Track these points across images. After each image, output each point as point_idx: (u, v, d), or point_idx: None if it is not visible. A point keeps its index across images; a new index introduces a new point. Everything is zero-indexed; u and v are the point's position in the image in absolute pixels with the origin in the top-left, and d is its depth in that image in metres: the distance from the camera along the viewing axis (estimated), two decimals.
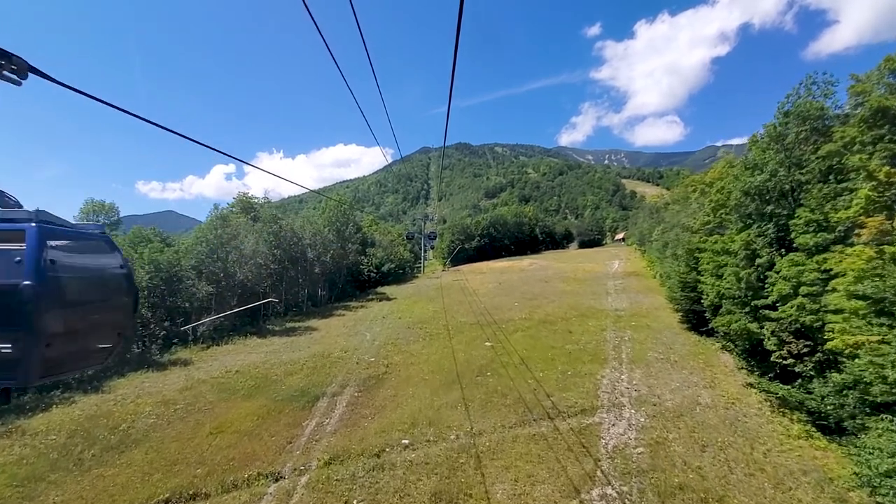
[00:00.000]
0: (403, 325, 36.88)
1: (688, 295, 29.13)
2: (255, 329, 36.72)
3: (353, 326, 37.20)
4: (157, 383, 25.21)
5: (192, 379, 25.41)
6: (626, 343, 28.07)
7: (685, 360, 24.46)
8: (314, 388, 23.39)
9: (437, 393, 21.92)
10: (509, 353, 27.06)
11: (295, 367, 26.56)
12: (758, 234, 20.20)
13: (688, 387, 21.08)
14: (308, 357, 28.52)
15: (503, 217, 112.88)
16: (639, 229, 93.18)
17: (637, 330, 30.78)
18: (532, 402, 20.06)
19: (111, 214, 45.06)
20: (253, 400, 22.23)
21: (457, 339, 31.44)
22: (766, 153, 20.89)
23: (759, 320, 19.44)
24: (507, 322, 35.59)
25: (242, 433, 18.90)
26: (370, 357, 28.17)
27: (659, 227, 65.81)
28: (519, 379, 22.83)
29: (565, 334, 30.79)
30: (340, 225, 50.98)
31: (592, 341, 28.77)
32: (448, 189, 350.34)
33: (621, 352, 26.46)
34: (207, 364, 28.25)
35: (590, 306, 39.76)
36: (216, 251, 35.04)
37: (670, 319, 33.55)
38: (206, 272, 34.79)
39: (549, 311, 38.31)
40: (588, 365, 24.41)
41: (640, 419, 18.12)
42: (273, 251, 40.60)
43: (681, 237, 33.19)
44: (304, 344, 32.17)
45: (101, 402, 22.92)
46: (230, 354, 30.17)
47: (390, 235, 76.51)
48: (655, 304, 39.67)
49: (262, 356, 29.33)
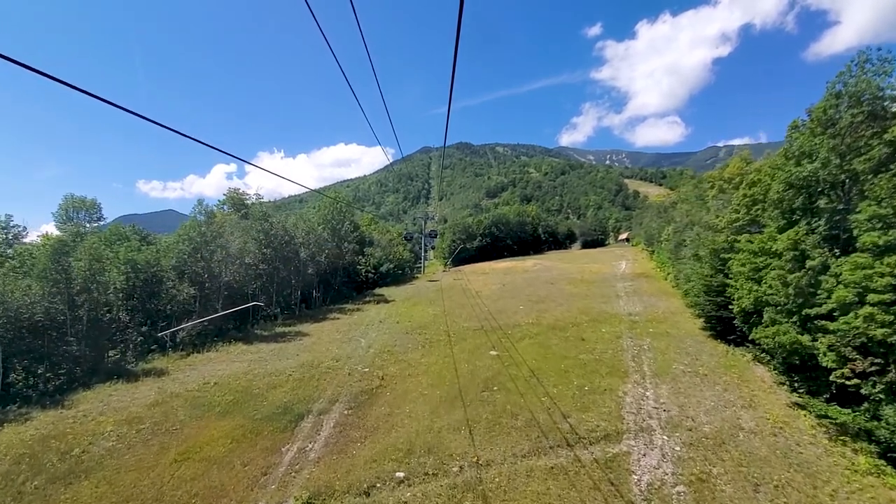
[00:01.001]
0: (401, 330, 34.27)
1: (713, 300, 26.47)
2: (241, 334, 34.13)
3: (347, 332, 34.58)
4: (125, 397, 22.62)
5: (165, 392, 22.81)
6: (646, 352, 25.42)
7: (716, 374, 21.80)
8: (299, 404, 20.78)
9: (438, 411, 19.30)
10: (517, 363, 24.43)
11: (280, 379, 23.95)
12: (806, 231, 17.54)
13: (724, 406, 18.43)
14: (296, 367, 25.91)
15: (505, 216, 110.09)
16: (646, 229, 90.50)
17: (656, 337, 28.13)
18: (547, 424, 17.44)
19: (93, 211, 42.50)
20: (229, 418, 19.62)
21: (459, 346, 28.82)
22: (815, 140, 18.24)
23: (811, 332, 16.80)
24: (514, 327, 32.96)
25: (211, 461, 16.29)
26: (364, 367, 25.56)
27: (669, 226, 63.13)
28: (530, 395, 20.20)
29: (578, 342, 28.15)
30: (336, 223, 48.35)
31: (608, 350, 26.13)
32: (449, 188, 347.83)
33: (642, 363, 23.81)
34: (185, 374, 25.65)
35: (601, 310, 37.11)
36: (200, 250, 32.44)
37: (691, 325, 30.90)
38: (189, 273, 32.19)
39: (557, 316, 35.67)
40: (607, 378, 21.77)
41: (674, 448, 15.48)
42: (263, 250, 38.00)
43: (702, 237, 30.52)
44: (293, 351, 29.55)
45: (58, 419, 20.34)
46: (211, 363, 27.57)
47: (389, 235, 73.90)
48: (671, 307, 37.03)
49: (245, 365, 26.73)
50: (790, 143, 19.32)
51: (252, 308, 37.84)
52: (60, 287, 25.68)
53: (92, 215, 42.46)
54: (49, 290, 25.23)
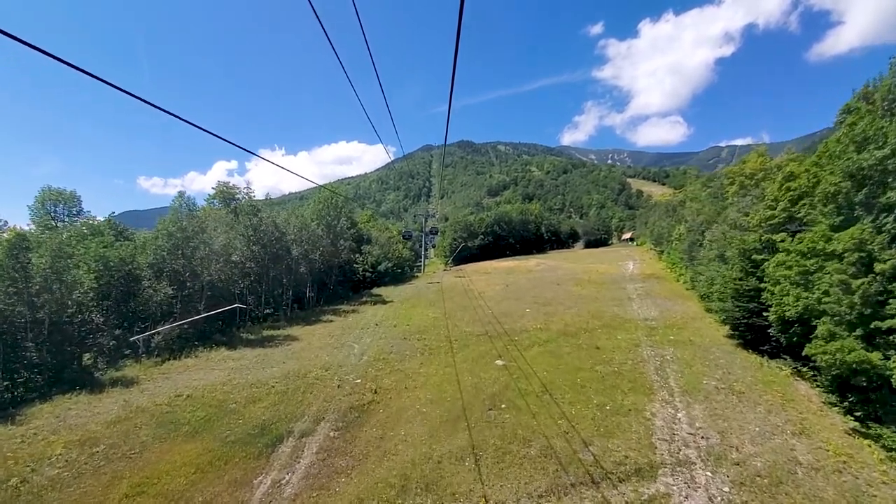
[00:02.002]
0: (399, 334, 31.68)
1: (744, 305, 23.86)
2: (226, 338, 31.55)
3: (339, 336, 32.00)
4: (85, 411, 20.05)
5: (130, 407, 20.23)
6: (671, 364, 22.82)
7: (754, 391, 19.18)
8: (279, 423, 18.20)
9: (438, 435, 16.71)
10: (527, 375, 21.84)
11: (260, 392, 21.36)
12: (872, 230, 14.91)
13: (772, 433, 15.83)
14: (280, 377, 23.34)
15: (508, 214, 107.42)
16: (654, 229, 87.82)
17: (679, 346, 25.53)
18: (565, 453, 14.84)
19: (72, 205, 39.85)
20: (197, 441, 17.05)
21: (461, 354, 26.24)
22: (881, 123, 15.58)
23: (880, 348, 14.19)
24: (521, 333, 30.37)
25: (169, 496, 13.72)
26: (355, 378, 22.97)
27: (680, 225, 60.46)
28: (543, 415, 17.61)
29: (592, 351, 25.55)
30: (331, 219, 45.70)
31: (628, 361, 23.53)
32: (450, 187, 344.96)
33: (667, 376, 21.21)
34: (156, 384, 23.09)
35: (614, 314, 34.51)
36: (180, 246, 29.83)
37: (714, 333, 28.30)
38: (168, 271, 29.59)
39: (567, 321, 33.06)
40: (630, 396, 19.17)
41: (722, 488, 12.88)
42: (251, 247, 35.40)
43: (728, 236, 27.87)
44: (279, 358, 26.97)
45: (5, 438, 17.76)
46: (188, 371, 25.00)
47: (388, 232, 71.24)
48: (689, 312, 34.43)
49: (224, 374, 24.16)
50: (849, 128, 16.65)
51: (238, 310, 35.27)
52: (19, 286, 23.11)
53: (71, 209, 39.84)
54: (5, 289, 22.66)
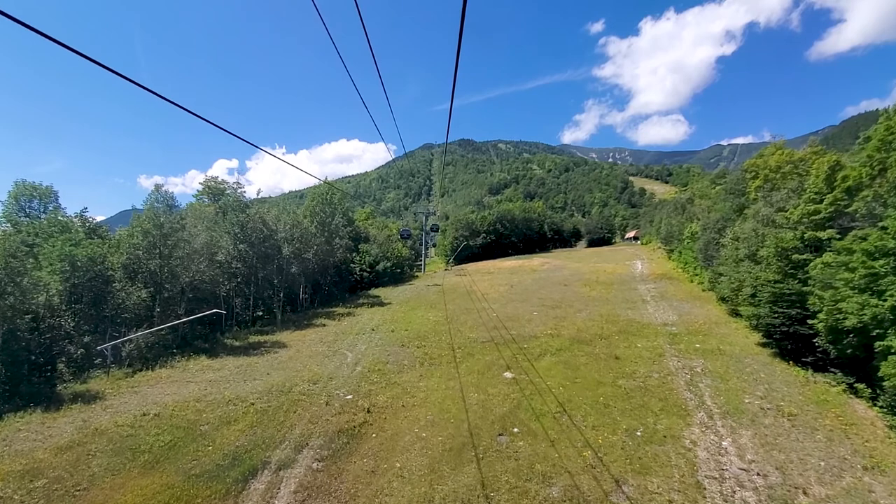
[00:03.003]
0: (396, 341, 29.10)
1: (783, 311, 21.23)
2: (208, 345, 28.98)
3: (332, 342, 29.40)
4: (36, 434, 17.46)
5: (87, 428, 17.65)
6: (702, 378, 20.20)
7: (808, 414, 16.57)
8: (255, 450, 15.61)
9: (440, 468, 14.12)
10: (541, 391, 19.23)
11: (237, 411, 18.76)
12: None
13: (840, 468, 13.22)
14: (262, 392, 20.74)
15: (511, 212, 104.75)
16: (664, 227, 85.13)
17: (708, 356, 22.90)
18: (595, 495, 12.24)
19: (47, 200, 37.30)
20: (156, 473, 14.46)
21: (466, 364, 23.64)
22: None
23: None
24: (530, 339, 27.77)
25: None
26: (346, 393, 20.38)
27: (692, 223, 57.78)
28: (563, 442, 15.01)
29: (611, 361, 22.94)
30: (325, 216, 43.08)
31: (653, 374, 20.91)
32: (451, 185, 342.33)
33: (702, 394, 18.59)
34: (122, 400, 20.50)
35: (629, 319, 31.90)
36: (157, 245, 27.24)
37: (744, 340, 25.69)
38: (143, 272, 27.00)
39: (579, 325, 30.45)
40: (663, 418, 16.56)
41: None
42: (237, 246, 32.80)
43: (760, 233, 25.21)
44: (264, 368, 24.40)
45: None
46: (160, 385, 22.41)
47: (388, 230, 68.62)
48: (711, 316, 31.81)
49: (200, 388, 21.57)
50: None
51: (225, 313, 32.68)
52: None
53: (47, 204, 37.29)
54: None
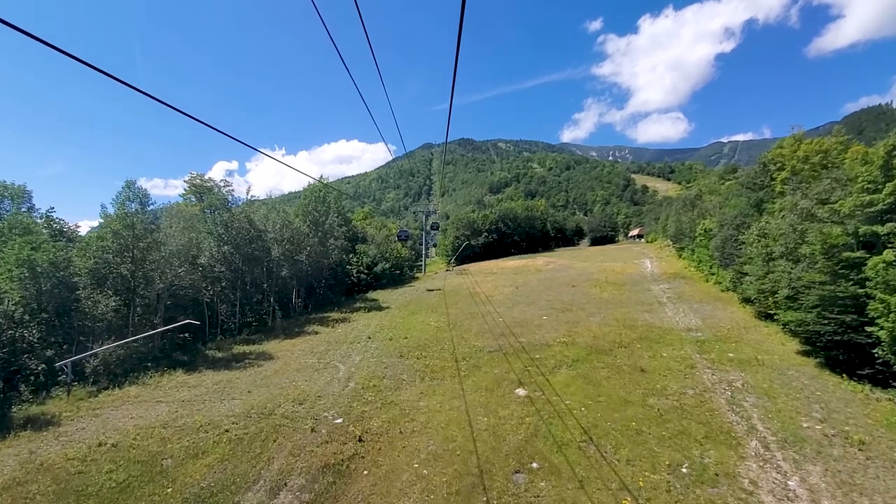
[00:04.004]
0: (394, 350, 26.50)
1: (835, 317, 18.60)
2: (187, 357, 26.37)
3: (324, 353, 26.79)
4: None
5: (32, 462, 15.05)
6: (746, 395, 17.56)
7: (882, 442, 13.93)
8: (223, 493, 13.00)
9: None
10: (560, 413, 16.61)
11: (209, 439, 16.14)
12: None
13: None
14: (240, 414, 18.14)
15: (513, 210, 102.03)
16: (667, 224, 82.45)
17: (746, 368, 20.26)
18: None
19: (20, 200, 34.74)
20: None
21: (472, 380, 21.02)
22: None
23: None
24: (541, 348, 25.16)
25: None
26: (336, 416, 17.76)
27: (706, 220, 55.06)
28: (594, 482, 12.38)
29: (636, 375, 20.31)
30: (319, 215, 40.46)
31: (687, 390, 18.28)
32: (451, 184, 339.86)
33: (749, 416, 15.95)
34: (79, 426, 17.91)
35: (648, 323, 29.28)
36: (130, 248, 24.65)
37: (780, 348, 23.07)
38: (113, 277, 24.41)
39: (595, 331, 27.83)
40: (709, 448, 13.92)
41: None
42: (221, 248, 30.20)
43: (799, 228, 22.55)
44: (245, 385, 21.80)
45: None
46: (125, 405, 19.81)
47: (386, 230, 66.00)
48: (737, 320, 29.18)
49: (170, 410, 18.97)
50: None
51: (208, 321, 30.08)
52: None
53: (20, 205, 34.73)
54: None
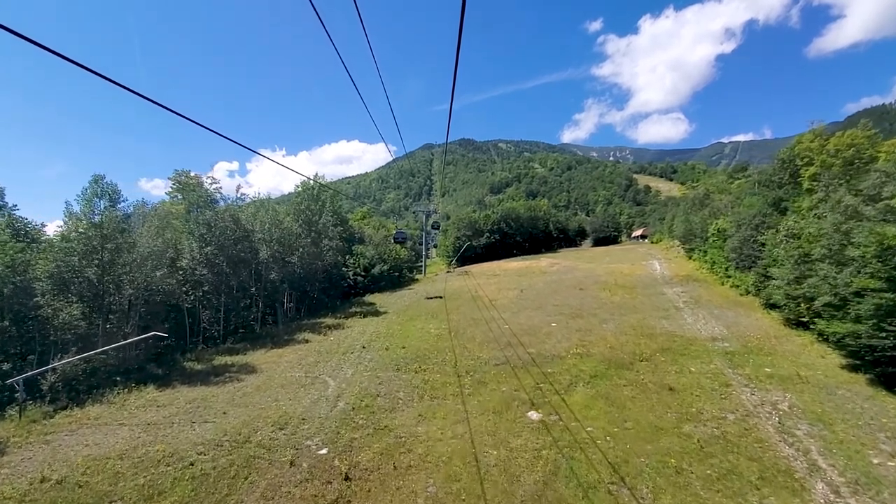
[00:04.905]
0: (391, 362, 24.08)
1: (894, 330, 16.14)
2: (161, 370, 23.95)
3: (313, 365, 24.37)
4: None
5: None
6: (797, 422, 15.10)
7: None
8: None
9: None
10: (581, 443, 14.16)
11: (169, 475, 13.70)
12: None
13: None
14: (210, 442, 15.70)
15: (515, 210, 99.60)
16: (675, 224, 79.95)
17: (790, 387, 17.80)
18: None
19: None
20: None
21: (477, 398, 18.58)
22: None
23: None
24: (553, 360, 22.73)
25: None
26: (320, 445, 15.32)
27: (718, 220, 52.55)
28: None
29: (664, 394, 17.86)
30: (312, 214, 38.06)
31: (727, 415, 15.83)
32: (451, 185, 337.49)
33: (807, 449, 13.49)
34: (26, 455, 15.48)
35: (668, 332, 26.83)
36: (99, 250, 22.24)
37: (820, 361, 20.63)
38: (78, 282, 22.00)
39: (610, 341, 25.39)
40: (769, 495, 11.47)
41: None
42: (203, 249, 27.80)
43: (843, 228, 20.10)
44: (221, 404, 19.35)
45: None
46: (82, 429, 17.37)
47: (385, 230, 63.63)
48: (765, 328, 26.69)
49: (131, 436, 16.54)
50: None
51: (189, 329, 27.66)
52: None
53: None
54: None
